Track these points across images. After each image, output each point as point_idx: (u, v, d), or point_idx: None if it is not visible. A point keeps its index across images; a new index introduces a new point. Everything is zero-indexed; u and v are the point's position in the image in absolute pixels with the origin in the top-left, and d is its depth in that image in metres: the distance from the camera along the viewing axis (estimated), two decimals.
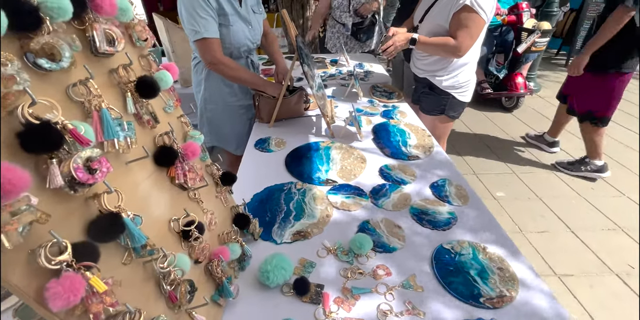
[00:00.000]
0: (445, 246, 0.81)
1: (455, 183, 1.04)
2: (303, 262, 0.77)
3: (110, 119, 0.43)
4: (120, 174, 0.48)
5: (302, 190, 1.00)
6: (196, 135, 0.65)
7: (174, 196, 0.59)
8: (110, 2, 0.43)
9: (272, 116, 1.34)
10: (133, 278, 0.47)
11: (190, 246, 0.59)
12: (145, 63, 0.56)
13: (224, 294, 0.65)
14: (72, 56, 0.39)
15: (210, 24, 1.17)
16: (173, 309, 0.52)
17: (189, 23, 1.16)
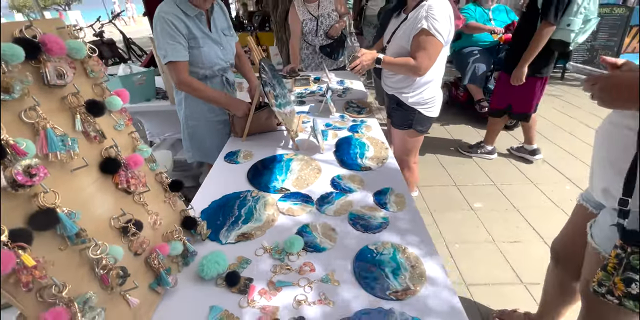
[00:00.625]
0: (370, 247, 0.91)
1: (396, 191, 1.14)
2: (240, 259, 0.88)
3: (54, 136, 0.56)
4: (66, 179, 0.61)
5: (256, 197, 1.12)
6: (144, 149, 0.78)
7: (118, 199, 0.72)
8: (59, 46, 0.58)
9: (245, 131, 1.48)
10: (69, 262, 0.59)
11: (129, 240, 0.71)
12: (99, 90, 0.70)
13: (161, 283, 0.76)
14: (22, 89, 0.53)
15: (177, 49, 1.34)
16: (106, 289, 0.64)
17: (160, 48, 1.33)
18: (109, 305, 0.64)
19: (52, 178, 0.58)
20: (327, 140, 1.50)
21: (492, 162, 2.86)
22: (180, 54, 1.34)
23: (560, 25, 2.07)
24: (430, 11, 1.35)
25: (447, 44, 1.47)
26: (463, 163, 2.86)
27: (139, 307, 0.71)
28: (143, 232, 0.75)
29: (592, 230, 0.88)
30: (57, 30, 0.64)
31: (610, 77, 0.68)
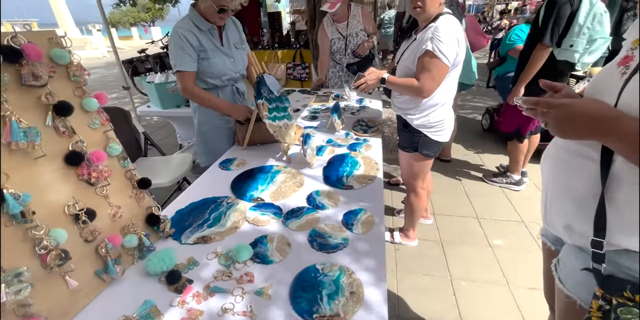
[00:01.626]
0: (317, 266, 0.89)
1: (369, 214, 1.10)
2: (189, 261, 0.92)
3: (17, 128, 0.66)
4: (27, 165, 0.70)
5: (230, 204, 1.16)
6: (114, 147, 0.87)
7: (79, 189, 0.80)
8: (36, 53, 0.69)
9: (245, 139, 1.55)
10: (16, 236, 0.67)
11: (81, 228, 0.78)
12: (79, 92, 0.81)
13: (107, 271, 0.82)
14: None
15: (185, 60, 1.47)
16: (45, 268, 0.71)
17: (171, 58, 1.48)
18: (47, 283, 0.71)
19: (12, 163, 0.67)
20: (322, 155, 1.51)
21: (523, 196, 2.61)
22: (187, 64, 1.48)
23: (564, 46, 2.02)
24: (436, 32, 1.33)
25: (454, 67, 1.42)
26: (489, 194, 2.66)
27: (79, 289, 0.77)
28: (97, 221, 0.82)
29: (559, 273, 0.77)
30: (47, 40, 0.75)
31: (566, 106, 0.60)
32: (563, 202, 0.74)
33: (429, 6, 1.36)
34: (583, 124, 0.59)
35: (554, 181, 0.77)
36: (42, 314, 0.68)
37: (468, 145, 3.55)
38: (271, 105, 1.39)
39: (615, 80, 0.63)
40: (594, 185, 0.64)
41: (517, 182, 2.68)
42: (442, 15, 1.37)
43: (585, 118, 0.58)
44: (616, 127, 0.55)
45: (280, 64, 4.87)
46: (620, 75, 0.63)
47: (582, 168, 0.67)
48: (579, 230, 0.70)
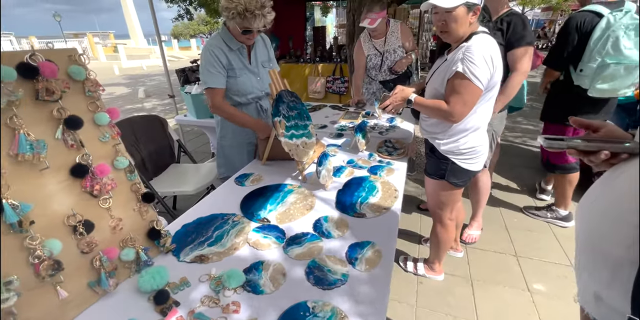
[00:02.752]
0: (308, 303, 0.82)
1: (377, 248, 1.01)
2: (182, 281, 0.90)
3: (24, 140, 0.69)
4: (32, 176, 0.73)
5: (236, 222, 1.14)
6: (121, 160, 0.88)
7: (82, 200, 0.82)
8: (50, 70, 0.72)
9: (264, 155, 1.54)
10: (12, 245, 0.69)
11: (78, 239, 0.80)
12: (93, 107, 0.84)
13: (100, 283, 0.83)
14: (8, 102, 0.67)
15: (216, 77, 1.50)
16: (38, 277, 0.72)
17: (202, 74, 1.52)
18: (37, 292, 0.72)
19: (17, 173, 0.70)
20: (339, 177, 1.45)
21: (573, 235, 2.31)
22: (217, 81, 1.51)
23: (577, 71, 1.95)
24: (467, 53, 1.23)
25: (489, 89, 1.30)
26: (532, 229, 2.39)
27: (70, 300, 0.77)
28: (96, 233, 0.83)
29: None
30: (67, 57, 0.79)
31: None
32: (595, 266, 0.61)
33: (455, 30, 1.27)
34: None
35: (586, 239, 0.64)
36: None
37: (512, 173, 3.27)
38: (289, 123, 1.36)
39: None
40: (632, 249, 0.52)
41: (564, 217, 2.39)
42: (476, 35, 1.27)
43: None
44: None
45: (321, 77, 4.92)
46: None
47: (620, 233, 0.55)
48: (608, 302, 0.57)
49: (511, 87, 1.79)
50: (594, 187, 0.65)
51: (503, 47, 1.74)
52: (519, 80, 1.79)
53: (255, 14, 1.38)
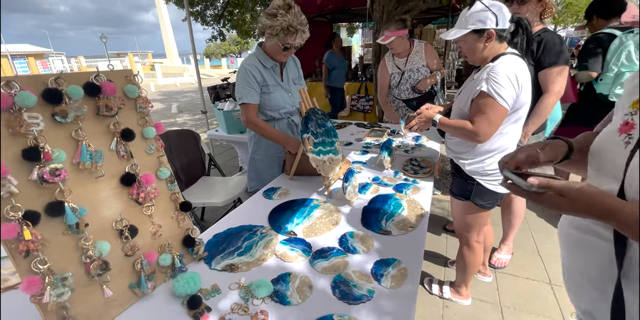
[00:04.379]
0: (334, 317, 0.83)
1: (403, 266, 1.02)
2: (213, 287, 0.94)
3: (86, 151, 0.77)
4: (89, 182, 0.81)
5: (264, 234, 1.18)
6: (164, 171, 0.96)
7: (129, 206, 0.89)
8: (110, 89, 0.81)
9: (291, 170, 1.59)
10: (69, 244, 0.76)
11: (124, 242, 0.86)
12: (142, 121, 0.92)
13: (139, 286, 0.88)
14: (74, 116, 0.76)
15: (250, 93, 1.60)
16: (88, 276, 0.78)
17: (237, 91, 1.63)
18: (87, 289, 0.78)
19: (77, 180, 0.78)
20: (364, 194, 1.46)
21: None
22: (252, 97, 1.61)
23: (597, 81, 2.28)
24: (491, 73, 1.24)
25: (516, 110, 1.30)
26: None
27: (113, 299, 0.83)
28: (139, 238, 0.89)
29: None
30: (124, 78, 0.89)
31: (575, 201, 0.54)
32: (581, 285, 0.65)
33: (471, 55, 1.32)
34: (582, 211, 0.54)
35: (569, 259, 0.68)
36: (78, 318, 0.75)
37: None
38: (317, 140, 1.41)
39: (619, 150, 0.60)
40: (610, 266, 0.56)
41: None
42: (504, 56, 1.29)
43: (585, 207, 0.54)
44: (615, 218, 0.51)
45: (346, 95, 5.02)
46: (624, 145, 0.60)
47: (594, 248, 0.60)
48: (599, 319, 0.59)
49: (543, 108, 1.76)
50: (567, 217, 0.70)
51: (533, 67, 1.74)
52: (552, 102, 1.76)
53: (297, 29, 1.49)
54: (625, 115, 0.63)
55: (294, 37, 1.52)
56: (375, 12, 3.38)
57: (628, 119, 0.62)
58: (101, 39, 26.17)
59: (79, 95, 0.76)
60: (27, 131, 0.69)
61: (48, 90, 0.73)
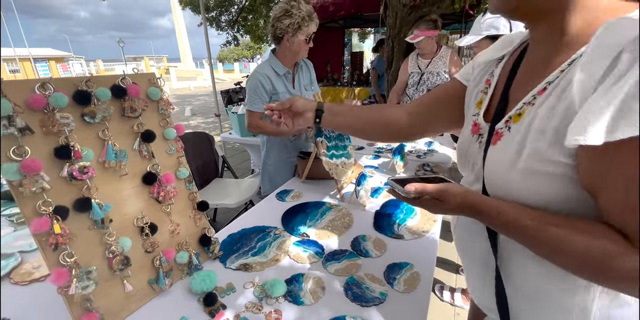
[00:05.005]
0: (347, 318, 0.84)
1: (416, 270, 1.02)
2: (228, 286, 0.95)
3: (111, 150, 0.81)
4: (114, 181, 0.84)
5: (277, 235, 1.19)
6: (183, 171, 0.99)
7: (149, 204, 0.92)
8: (135, 91, 0.85)
9: (304, 173, 1.61)
10: (94, 239, 0.79)
11: (144, 239, 0.89)
12: (164, 123, 0.96)
13: (158, 282, 0.91)
14: (102, 117, 0.79)
15: (255, 101, 1.69)
16: (110, 270, 0.81)
17: (246, 96, 1.70)
18: (109, 283, 0.81)
19: (103, 178, 0.81)
20: (376, 198, 1.47)
21: None
22: (256, 106, 1.69)
23: None
24: None
25: None
26: None
27: (133, 294, 0.85)
28: (158, 235, 0.92)
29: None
30: (147, 81, 0.93)
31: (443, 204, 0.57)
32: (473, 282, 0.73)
33: None
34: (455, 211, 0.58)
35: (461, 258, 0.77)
36: (100, 310, 0.77)
37: None
38: (330, 143, 1.43)
39: (476, 150, 0.64)
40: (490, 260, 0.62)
41: None
42: None
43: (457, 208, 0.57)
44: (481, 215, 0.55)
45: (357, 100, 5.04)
46: (478, 145, 0.63)
47: (475, 244, 0.66)
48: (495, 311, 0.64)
49: None
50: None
51: None
52: None
53: (312, 16, 1.60)
54: (473, 116, 0.66)
55: (312, 25, 1.61)
56: (389, 18, 3.41)
57: (475, 119, 0.65)
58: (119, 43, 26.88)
59: (106, 97, 0.80)
60: (59, 130, 0.73)
61: (79, 92, 0.77)
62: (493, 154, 0.57)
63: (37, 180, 0.69)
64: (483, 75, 0.69)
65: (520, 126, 0.52)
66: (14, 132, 0.67)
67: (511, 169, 0.52)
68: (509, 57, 0.64)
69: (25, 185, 0.67)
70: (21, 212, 0.69)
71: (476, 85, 0.70)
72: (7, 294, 0.92)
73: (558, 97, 0.46)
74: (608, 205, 0.44)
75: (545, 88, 0.50)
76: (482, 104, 0.64)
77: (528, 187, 0.50)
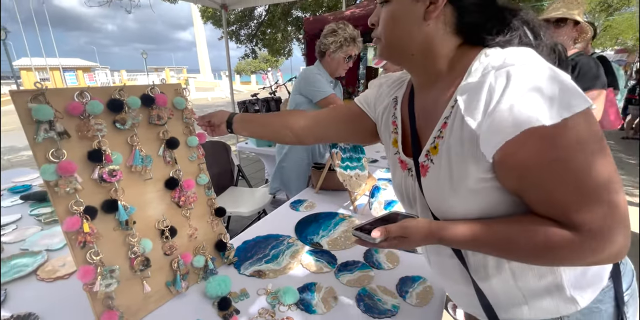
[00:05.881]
0: None
1: (429, 284, 1.01)
2: (242, 291, 0.97)
3: (138, 155, 0.85)
4: (139, 184, 0.88)
5: (290, 244, 1.21)
6: (203, 177, 1.03)
7: (170, 208, 0.95)
8: (162, 101, 0.90)
9: (318, 183, 1.63)
10: (118, 239, 0.83)
11: (164, 242, 0.92)
12: (187, 131, 1.00)
13: (175, 284, 0.93)
14: (131, 124, 0.84)
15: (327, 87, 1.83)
16: (131, 270, 0.84)
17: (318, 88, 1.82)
18: (130, 283, 0.84)
19: (129, 181, 0.86)
20: (390, 210, 1.47)
21: None
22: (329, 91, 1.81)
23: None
24: None
25: None
26: None
27: (151, 295, 0.88)
28: (177, 239, 0.95)
29: None
30: (174, 90, 0.98)
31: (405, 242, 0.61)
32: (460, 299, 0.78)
33: None
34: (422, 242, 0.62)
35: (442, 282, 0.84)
36: (120, 309, 0.80)
37: None
38: (345, 155, 1.46)
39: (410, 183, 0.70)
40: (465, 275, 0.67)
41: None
42: None
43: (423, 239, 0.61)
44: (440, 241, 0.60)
45: None
46: (411, 178, 0.69)
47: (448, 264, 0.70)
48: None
49: None
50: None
51: None
52: None
53: (356, 39, 1.76)
54: (395, 155, 0.74)
55: (354, 47, 1.75)
56: None
57: (399, 157, 0.72)
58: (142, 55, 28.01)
59: (136, 105, 0.85)
60: (92, 135, 0.78)
61: (113, 100, 0.82)
62: (427, 183, 0.63)
63: (71, 181, 0.73)
64: (388, 117, 0.78)
65: (440, 157, 0.59)
66: (53, 136, 0.72)
67: (450, 193, 0.58)
68: (402, 99, 0.75)
69: (61, 185, 0.72)
70: (55, 211, 0.73)
71: (386, 127, 0.79)
72: (34, 289, 0.96)
73: (460, 127, 0.54)
74: (532, 202, 0.53)
75: (445, 122, 0.58)
76: (398, 143, 0.73)
77: (469, 204, 0.58)
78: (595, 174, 0.46)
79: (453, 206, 0.59)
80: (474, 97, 0.50)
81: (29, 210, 1.45)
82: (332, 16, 5.40)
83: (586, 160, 0.46)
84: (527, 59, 0.49)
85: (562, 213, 0.49)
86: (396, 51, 0.62)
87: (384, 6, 0.60)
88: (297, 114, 0.98)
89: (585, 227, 0.47)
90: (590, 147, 0.46)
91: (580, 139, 0.45)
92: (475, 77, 0.51)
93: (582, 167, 0.46)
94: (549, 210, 0.51)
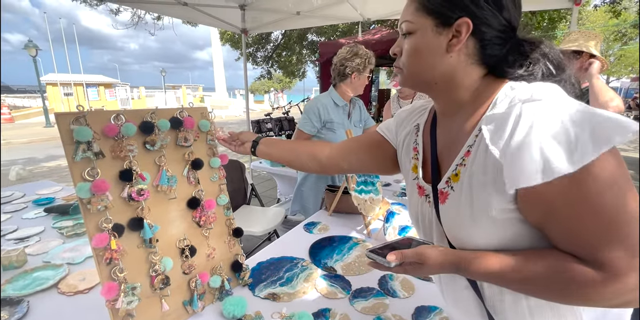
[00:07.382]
0: None
1: (445, 315, 0.99)
2: (257, 314, 0.96)
3: (165, 175, 0.89)
4: (163, 203, 0.91)
5: (304, 267, 1.21)
6: (223, 198, 1.05)
7: (191, 227, 0.98)
8: (190, 123, 0.95)
9: (331, 206, 1.64)
10: (141, 257, 0.85)
11: (183, 261, 0.94)
12: (210, 153, 1.04)
13: (192, 304, 0.93)
14: (161, 145, 0.88)
15: (309, 124, 1.85)
16: (152, 288, 0.86)
17: (301, 118, 1.88)
18: (149, 301, 0.85)
19: (155, 200, 0.89)
20: (404, 236, 1.46)
21: None
22: (307, 128, 1.86)
23: None
24: None
25: None
26: None
27: (169, 313, 0.89)
28: (196, 258, 0.97)
29: None
30: (200, 114, 1.03)
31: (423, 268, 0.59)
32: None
33: None
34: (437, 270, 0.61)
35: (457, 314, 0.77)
36: None
37: None
38: (360, 179, 1.47)
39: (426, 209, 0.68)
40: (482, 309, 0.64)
41: None
42: None
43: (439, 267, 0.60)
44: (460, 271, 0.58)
45: None
46: (428, 204, 0.68)
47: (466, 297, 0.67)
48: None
49: None
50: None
51: None
52: None
53: (372, 59, 1.86)
54: (414, 180, 0.73)
55: (372, 65, 1.84)
56: None
57: (417, 182, 0.71)
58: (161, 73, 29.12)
59: (166, 127, 0.89)
60: (125, 155, 0.82)
61: (145, 122, 0.87)
62: (446, 211, 0.62)
63: (103, 199, 0.77)
64: (409, 144, 0.78)
65: (461, 184, 0.58)
66: (90, 156, 0.77)
67: (470, 222, 0.57)
68: (424, 126, 0.75)
69: (93, 203, 0.75)
70: (86, 227, 0.76)
71: (407, 153, 0.78)
72: (54, 302, 0.98)
73: (484, 156, 0.54)
74: (556, 238, 0.51)
75: (469, 150, 0.58)
76: (418, 169, 0.72)
77: (489, 234, 0.56)
78: (623, 212, 0.45)
79: (471, 235, 0.58)
80: (499, 127, 0.50)
81: (52, 222, 1.49)
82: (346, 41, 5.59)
83: (615, 199, 0.45)
84: (554, 95, 0.50)
85: (589, 252, 0.48)
86: (419, 81, 0.64)
87: (406, 37, 0.61)
88: (323, 143, 1.00)
89: (611, 267, 0.46)
90: (619, 184, 0.45)
91: (608, 178, 0.45)
92: (501, 109, 0.52)
93: (610, 207, 0.45)
94: (574, 248, 0.49)
